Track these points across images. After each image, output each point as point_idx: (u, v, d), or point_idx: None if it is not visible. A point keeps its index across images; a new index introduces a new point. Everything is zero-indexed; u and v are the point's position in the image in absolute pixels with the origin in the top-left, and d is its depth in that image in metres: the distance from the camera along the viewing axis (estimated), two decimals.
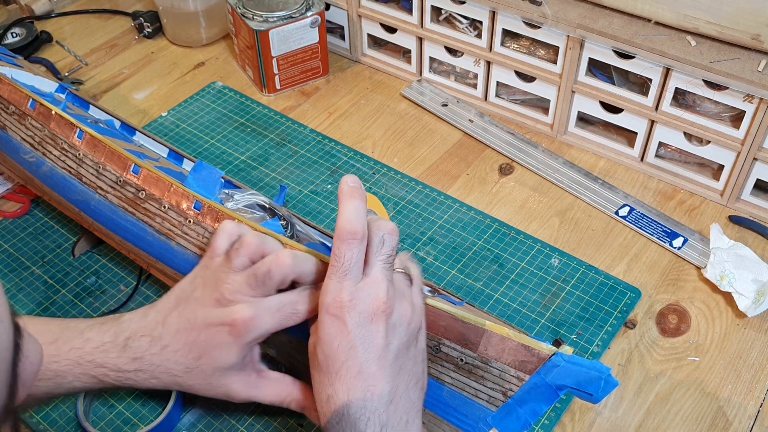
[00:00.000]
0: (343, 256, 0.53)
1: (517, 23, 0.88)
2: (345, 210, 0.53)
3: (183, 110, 1.00)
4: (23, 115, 0.78)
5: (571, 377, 0.52)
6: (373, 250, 0.54)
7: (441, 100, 1.00)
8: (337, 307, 0.52)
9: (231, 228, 0.61)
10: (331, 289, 0.53)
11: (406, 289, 0.55)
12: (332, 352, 0.52)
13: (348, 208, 0.53)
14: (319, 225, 0.73)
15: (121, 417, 0.67)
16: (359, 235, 0.52)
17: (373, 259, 0.54)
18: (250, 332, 0.57)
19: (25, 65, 0.91)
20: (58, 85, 0.88)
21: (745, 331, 0.73)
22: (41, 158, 0.76)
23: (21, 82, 0.83)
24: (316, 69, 1.03)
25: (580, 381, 0.51)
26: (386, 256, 0.54)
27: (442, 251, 0.80)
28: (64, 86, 0.88)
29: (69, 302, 0.76)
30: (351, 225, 0.52)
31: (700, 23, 0.78)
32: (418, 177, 0.90)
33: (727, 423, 0.66)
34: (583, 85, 0.88)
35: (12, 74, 0.85)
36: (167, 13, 1.10)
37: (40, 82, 0.87)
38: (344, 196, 0.53)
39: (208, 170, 0.70)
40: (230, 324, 0.57)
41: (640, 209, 0.84)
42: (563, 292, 0.76)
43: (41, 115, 0.77)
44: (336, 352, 0.52)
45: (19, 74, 0.86)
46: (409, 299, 0.55)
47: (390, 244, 0.54)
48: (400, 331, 0.53)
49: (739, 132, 0.80)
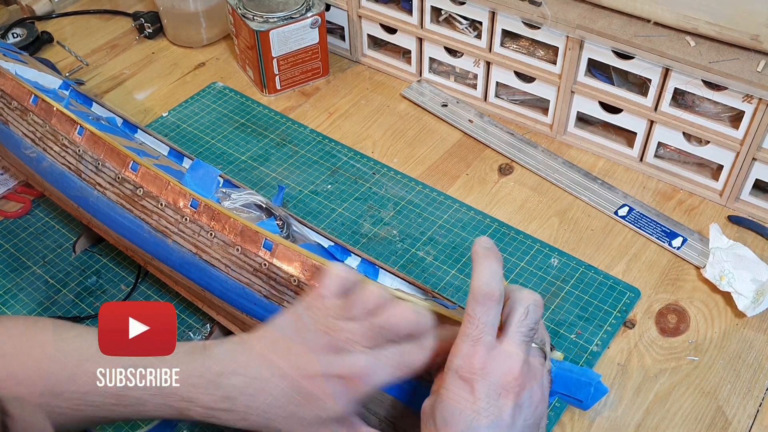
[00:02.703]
0: (478, 319, 0.50)
1: (516, 24, 0.88)
2: (481, 271, 0.50)
3: (183, 110, 1.00)
4: (25, 111, 0.78)
5: (561, 383, 0.52)
6: (515, 319, 0.50)
7: (441, 100, 1.00)
8: (468, 371, 0.49)
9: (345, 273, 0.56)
10: (463, 351, 0.50)
11: (539, 368, 0.51)
12: (454, 418, 0.49)
13: (484, 269, 0.50)
14: (317, 226, 0.73)
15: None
16: (496, 297, 0.50)
17: (514, 329, 0.50)
18: (366, 384, 0.53)
19: (30, 62, 0.91)
20: (62, 81, 0.88)
21: (745, 331, 0.73)
22: (42, 154, 0.77)
23: (25, 78, 0.83)
24: (316, 69, 1.03)
25: (570, 387, 0.52)
26: (528, 329, 0.50)
27: (442, 251, 0.81)
28: (67, 83, 0.88)
29: (70, 302, 0.76)
30: (488, 287, 0.49)
31: (700, 24, 0.78)
32: (418, 177, 0.90)
33: (726, 422, 0.66)
34: (583, 85, 0.88)
35: (16, 70, 0.85)
36: (168, 13, 1.10)
37: (44, 78, 0.87)
38: (479, 257, 0.50)
39: (206, 169, 0.70)
40: (347, 375, 0.53)
41: (639, 209, 0.85)
42: (562, 292, 0.76)
43: (43, 111, 0.77)
44: (458, 417, 0.49)
45: (23, 70, 0.86)
46: (540, 380, 0.51)
47: (534, 318, 0.51)
48: (527, 413, 0.50)
49: (738, 132, 0.80)
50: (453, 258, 0.80)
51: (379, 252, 0.80)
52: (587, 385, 0.51)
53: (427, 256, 0.80)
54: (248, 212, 0.70)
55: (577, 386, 0.51)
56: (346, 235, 0.82)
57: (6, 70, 0.82)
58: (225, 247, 0.65)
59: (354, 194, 0.87)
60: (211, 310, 0.70)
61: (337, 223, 0.84)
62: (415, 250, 0.81)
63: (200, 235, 0.66)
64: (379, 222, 0.84)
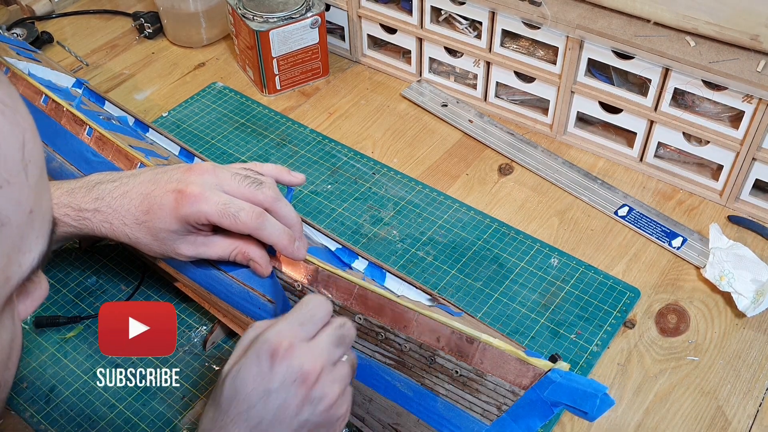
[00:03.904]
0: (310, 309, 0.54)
1: (516, 24, 0.88)
2: None
3: (183, 111, 1.00)
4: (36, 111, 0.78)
5: (566, 394, 0.52)
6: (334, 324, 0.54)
7: (441, 100, 1.00)
8: (275, 348, 0.51)
9: None
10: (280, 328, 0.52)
11: (344, 377, 0.54)
12: (244, 389, 0.50)
13: None
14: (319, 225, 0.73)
15: (122, 417, 0.67)
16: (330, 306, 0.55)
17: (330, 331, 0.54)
18: (190, 206, 0.59)
19: (43, 59, 0.91)
20: (75, 80, 0.88)
21: (744, 331, 0.73)
22: (51, 154, 0.77)
23: (37, 77, 0.83)
24: (316, 69, 1.03)
25: (576, 398, 0.51)
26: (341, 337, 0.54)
27: (441, 251, 0.81)
28: (80, 81, 0.88)
29: (70, 302, 0.76)
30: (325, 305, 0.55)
31: (699, 24, 0.78)
32: (418, 177, 0.90)
33: (726, 422, 0.66)
34: (583, 85, 0.88)
35: (29, 69, 0.85)
36: (168, 13, 1.10)
37: (57, 77, 0.87)
38: None
39: None
40: (179, 191, 0.59)
41: (639, 209, 0.85)
42: (562, 292, 0.76)
43: (53, 111, 0.77)
44: (248, 391, 0.50)
45: (36, 69, 0.86)
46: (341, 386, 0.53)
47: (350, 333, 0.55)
48: (317, 410, 0.51)
49: (738, 132, 0.80)
50: (453, 258, 0.80)
51: (379, 252, 0.80)
52: (593, 397, 0.50)
53: (427, 256, 0.80)
54: None
55: (583, 397, 0.51)
56: (346, 235, 0.82)
57: (19, 69, 0.82)
58: None
59: (354, 194, 0.87)
60: (217, 312, 0.70)
61: (337, 223, 0.84)
62: (415, 250, 0.81)
63: None
64: (379, 222, 0.84)
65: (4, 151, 0.31)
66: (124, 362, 0.71)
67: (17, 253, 0.33)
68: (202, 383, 0.69)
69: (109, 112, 0.85)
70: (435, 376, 0.57)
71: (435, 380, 0.57)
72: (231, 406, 0.50)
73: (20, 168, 0.32)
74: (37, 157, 0.34)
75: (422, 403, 0.57)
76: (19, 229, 0.32)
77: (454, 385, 0.56)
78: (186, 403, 0.68)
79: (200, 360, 0.71)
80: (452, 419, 0.56)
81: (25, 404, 0.68)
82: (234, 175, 0.61)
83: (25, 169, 0.32)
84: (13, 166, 0.32)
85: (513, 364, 0.54)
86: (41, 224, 0.34)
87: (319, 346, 0.52)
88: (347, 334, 0.54)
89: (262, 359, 0.51)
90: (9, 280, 0.33)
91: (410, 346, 0.58)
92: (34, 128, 0.34)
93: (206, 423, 0.52)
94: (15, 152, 0.32)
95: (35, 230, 0.34)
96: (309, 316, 0.53)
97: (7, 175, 0.31)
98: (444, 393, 0.57)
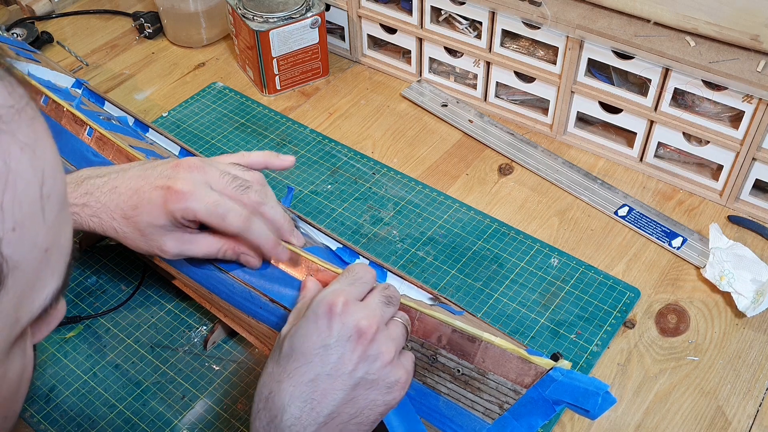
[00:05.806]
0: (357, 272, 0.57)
1: (516, 24, 0.88)
2: None
3: (183, 111, 1.00)
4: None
5: (568, 392, 0.52)
6: (381, 287, 0.57)
7: (441, 100, 1.00)
8: (330, 306, 0.53)
9: None
10: (334, 288, 0.55)
11: (400, 338, 0.55)
12: (303, 347, 0.52)
13: None
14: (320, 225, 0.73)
15: (122, 417, 0.67)
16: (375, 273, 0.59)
17: (378, 291, 0.56)
18: (179, 203, 0.59)
19: (43, 60, 0.91)
20: (74, 80, 0.87)
21: (744, 331, 0.73)
22: None
23: (37, 78, 0.83)
24: (316, 69, 1.03)
25: (578, 397, 0.51)
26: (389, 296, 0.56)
27: (442, 251, 0.81)
28: (80, 81, 0.88)
29: (70, 302, 0.76)
30: None
31: (699, 24, 0.78)
32: (418, 177, 0.90)
33: (726, 422, 0.66)
34: (583, 85, 0.88)
35: (29, 69, 0.85)
36: (168, 13, 1.10)
37: (56, 77, 0.87)
38: None
39: None
40: (167, 188, 0.60)
41: (639, 209, 0.85)
42: (562, 292, 0.76)
43: (53, 111, 0.77)
44: (306, 347, 0.52)
45: (36, 69, 0.86)
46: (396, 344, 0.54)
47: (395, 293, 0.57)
48: (373, 368, 0.52)
49: (738, 132, 0.80)
50: (453, 258, 0.80)
51: (379, 252, 0.80)
52: (595, 395, 0.50)
53: (427, 256, 0.80)
54: None
55: (585, 396, 0.51)
56: (346, 235, 0.82)
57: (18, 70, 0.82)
58: None
59: (354, 194, 0.87)
60: (218, 312, 0.70)
61: (337, 223, 0.84)
62: (415, 250, 0.81)
63: None
64: (379, 222, 0.84)
65: (20, 193, 0.30)
66: (124, 362, 0.71)
67: (30, 291, 0.32)
68: (202, 383, 0.69)
69: (109, 112, 0.85)
70: (437, 374, 0.57)
71: (437, 379, 0.57)
72: (289, 361, 0.52)
73: (37, 208, 0.31)
74: (57, 190, 0.32)
75: (424, 402, 0.57)
76: (33, 270, 0.31)
77: (456, 384, 0.56)
78: (186, 403, 0.68)
79: (200, 360, 0.71)
80: (454, 418, 0.56)
81: (25, 404, 0.67)
82: (222, 174, 0.61)
83: (42, 209, 0.31)
84: (29, 207, 0.30)
85: (515, 362, 0.54)
86: (58, 260, 0.33)
87: (371, 305, 0.54)
88: (393, 295, 0.57)
89: (319, 316, 0.53)
90: (19, 320, 0.32)
91: (412, 344, 0.58)
92: (57, 160, 0.33)
93: (265, 377, 0.53)
94: (33, 192, 0.30)
95: (50, 267, 0.32)
96: (358, 277, 0.56)
97: (21, 218, 0.30)
98: (446, 392, 0.57)
